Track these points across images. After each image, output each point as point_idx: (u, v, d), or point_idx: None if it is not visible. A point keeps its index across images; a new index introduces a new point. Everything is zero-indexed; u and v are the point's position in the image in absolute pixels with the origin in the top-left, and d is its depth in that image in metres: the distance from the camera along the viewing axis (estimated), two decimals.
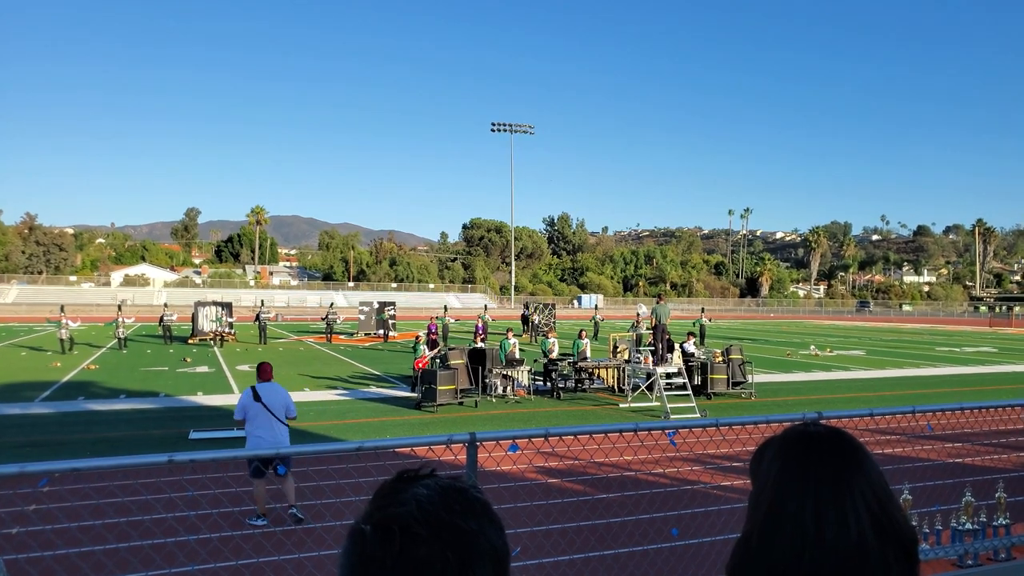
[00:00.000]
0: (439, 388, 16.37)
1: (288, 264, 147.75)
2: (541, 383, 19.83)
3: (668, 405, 15.99)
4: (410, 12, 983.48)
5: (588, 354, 20.62)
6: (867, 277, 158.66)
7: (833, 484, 1.22)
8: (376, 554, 0.90)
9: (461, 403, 17.06)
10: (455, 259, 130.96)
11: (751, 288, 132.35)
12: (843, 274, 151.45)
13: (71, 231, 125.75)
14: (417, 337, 20.31)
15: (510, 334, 20.76)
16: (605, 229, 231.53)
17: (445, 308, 41.74)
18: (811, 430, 1.33)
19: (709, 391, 18.60)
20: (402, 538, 0.90)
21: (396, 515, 0.93)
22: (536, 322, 41.77)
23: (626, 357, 19.87)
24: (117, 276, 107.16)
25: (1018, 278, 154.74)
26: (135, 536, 7.40)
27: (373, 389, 20.09)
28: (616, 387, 19.59)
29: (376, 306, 42.36)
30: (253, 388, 8.60)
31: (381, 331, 40.39)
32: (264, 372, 8.86)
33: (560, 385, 19.02)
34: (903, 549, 1.19)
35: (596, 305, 73.17)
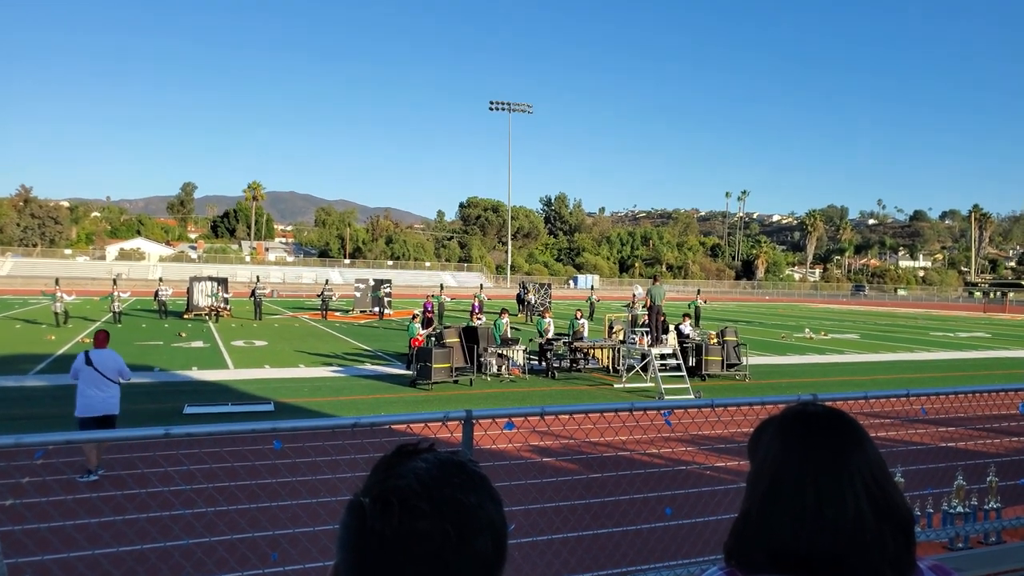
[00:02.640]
0: (434, 366, 16.40)
1: (284, 240, 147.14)
2: (536, 363, 19.87)
3: (663, 386, 16.05)
4: None
5: (584, 334, 20.65)
6: (863, 261, 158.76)
7: (832, 462, 1.22)
8: (375, 527, 0.91)
9: (456, 381, 17.10)
10: (451, 238, 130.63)
11: (747, 271, 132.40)
12: (839, 258, 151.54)
13: (66, 204, 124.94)
14: (413, 315, 20.31)
15: (504, 315, 20.78)
16: (602, 210, 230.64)
17: (441, 287, 41.71)
18: (810, 409, 1.33)
19: (703, 372, 18.67)
20: (401, 511, 0.91)
21: (395, 488, 0.93)
22: (532, 302, 41.78)
23: (621, 338, 19.91)
24: (112, 250, 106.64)
25: (1013, 264, 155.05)
26: (131, 509, 7.43)
27: (368, 366, 20.11)
28: (611, 367, 19.65)
29: (372, 283, 42.35)
30: (86, 353, 9.63)
31: (377, 309, 40.38)
32: (98, 340, 9.92)
33: (555, 365, 19.06)
34: (900, 527, 1.20)
35: (592, 286, 73.23)
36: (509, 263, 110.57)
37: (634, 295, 29.77)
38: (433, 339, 18.20)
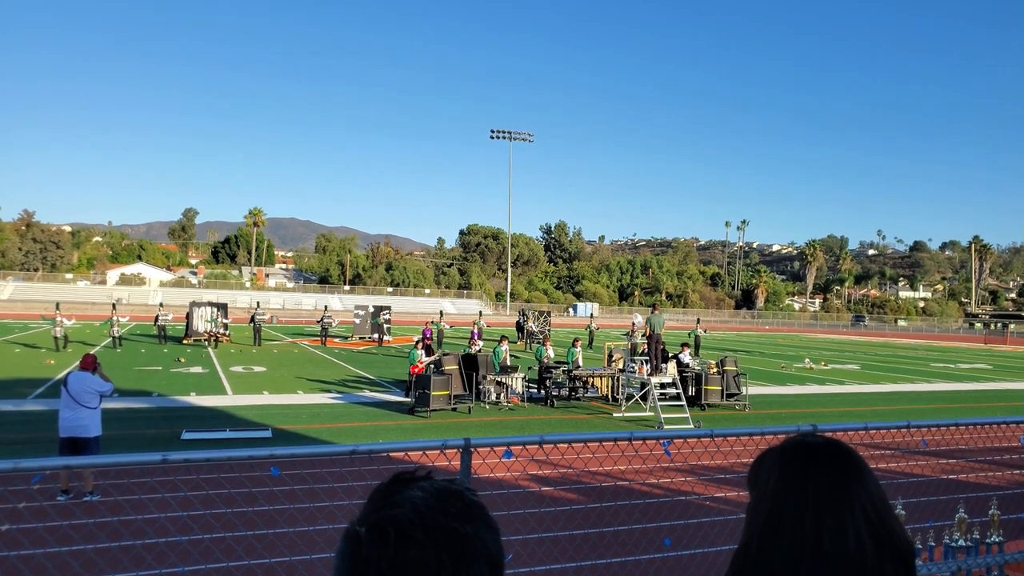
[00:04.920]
0: (433, 393, 16.34)
1: (284, 266, 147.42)
2: (535, 390, 19.79)
3: (662, 415, 15.98)
4: (412, 16, 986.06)
5: (580, 362, 20.56)
6: (863, 291, 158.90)
7: (832, 494, 1.22)
8: (371, 556, 0.90)
9: (455, 409, 17.02)
10: (451, 265, 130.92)
11: (746, 300, 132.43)
12: (839, 288, 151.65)
13: (68, 229, 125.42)
14: (416, 342, 20.28)
15: (504, 342, 20.74)
16: (602, 238, 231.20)
17: (440, 313, 41.72)
18: (810, 441, 1.33)
19: (703, 402, 18.58)
20: (397, 540, 0.90)
21: (391, 517, 0.93)
22: (532, 330, 41.73)
23: (621, 366, 19.86)
24: (113, 275, 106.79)
25: (1014, 296, 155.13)
26: (127, 535, 7.36)
27: (367, 393, 20.05)
28: (610, 396, 19.57)
29: (371, 310, 42.33)
30: (67, 375, 9.67)
31: (376, 335, 40.33)
32: (82, 362, 9.90)
33: (554, 393, 18.99)
34: (901, 560, 1.19)
35: (591, 314, 73.19)
36: (509, 290, 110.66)
37: (633, 323, 29.72)
38: (432, 366, 18.15)
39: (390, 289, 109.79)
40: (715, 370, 19.36)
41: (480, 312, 49.48)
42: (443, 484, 1.00)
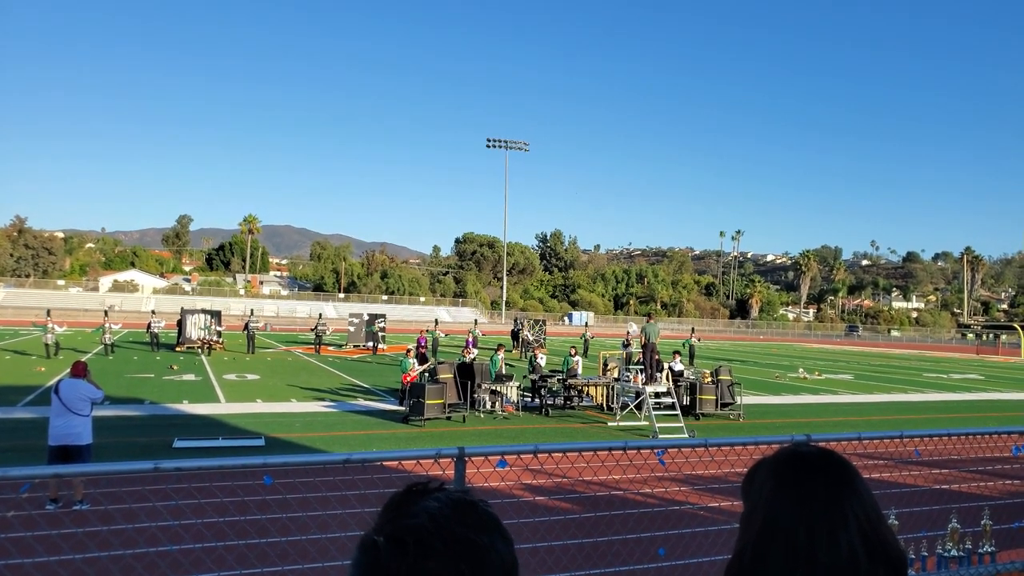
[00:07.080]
0: (427, 402, 16.30)
1: (279, 274, 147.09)
2: (530, 399, 19.79)
3: (657, 424, 15.98)
4: (408, 25, 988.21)
5: (579, 371, 20.59)
6: (856, 302, 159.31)
7: (825, 503, 1.22)
8: (389, 566, 0.91)
9: (449, 418, 16.99)
10: (447, 273, 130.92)
11: (741, 310, 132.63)
12: (832, 298, 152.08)
13: (61, 235, 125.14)
14: (407, 351, 20.25)
15: (500, 350, 20.72)
16: (597, 247, 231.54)
17: (435, 322, 41.66)
18: (803, 450, 1.34)
19: (697, 411, 18.60)
20: (415, 550, 0.91)
21: (409, 527, 0.94)
22: (529, 339, 41.72)
23: (616, 375, 19.87)
24: (106, 281, 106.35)
25: (1005, 306, 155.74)
26: (117, 544, 7.32)
27: (361, 402, 20.00)
28: (605, 405, 19.57)
29: (366, 318, 42.26)
30: (58, 382, 9.55)
31: (370, 343, 40.25)
32: (73, 369, 9.82)
33: (549, 402, 18.97)
34: (894, 570, 1.20)
35: (586, 322, 73.25)
36: (504, 299, 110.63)
37: (628, 332, 29.76)
38: (427, 375, 18.13)
39: (385, 297, 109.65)
40: (709, 380, 19.38)
41: (475, 320, 49.41)
42: (458, 495, 1.01)
